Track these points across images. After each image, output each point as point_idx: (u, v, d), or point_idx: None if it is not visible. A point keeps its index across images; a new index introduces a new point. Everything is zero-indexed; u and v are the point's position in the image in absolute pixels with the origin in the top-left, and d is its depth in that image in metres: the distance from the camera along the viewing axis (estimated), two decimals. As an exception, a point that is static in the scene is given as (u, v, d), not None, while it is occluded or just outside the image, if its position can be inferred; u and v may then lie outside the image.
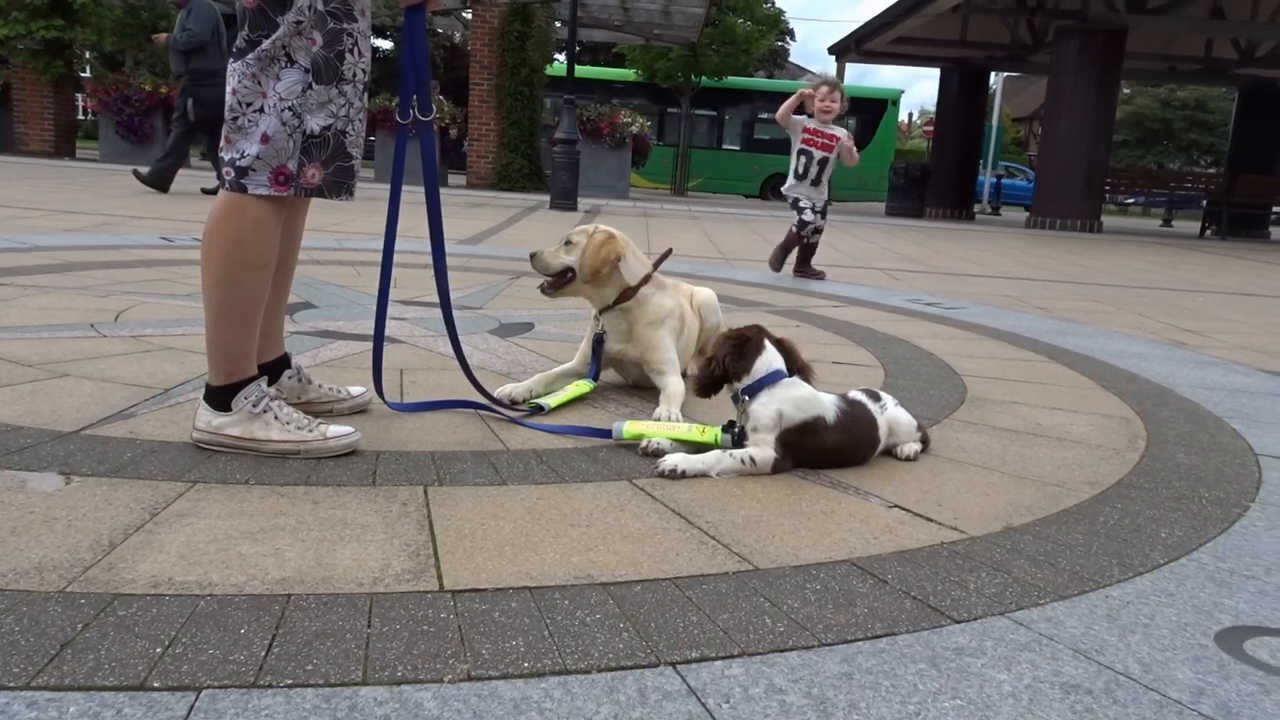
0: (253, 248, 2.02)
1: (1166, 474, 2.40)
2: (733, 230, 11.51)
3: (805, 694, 1.26)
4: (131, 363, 2.80)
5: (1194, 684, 1.35)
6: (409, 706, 1.17)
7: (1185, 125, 44.27)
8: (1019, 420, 2.88)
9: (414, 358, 3.20)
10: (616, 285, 2.76)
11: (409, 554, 1.61)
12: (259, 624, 1.34)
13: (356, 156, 2.11)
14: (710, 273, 6.40)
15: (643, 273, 2.78)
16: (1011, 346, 4.31)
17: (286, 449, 2.05)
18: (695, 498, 2.00)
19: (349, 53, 2.02)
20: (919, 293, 6.27)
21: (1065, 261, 10.38)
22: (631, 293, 2.76)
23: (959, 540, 1.86)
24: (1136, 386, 3.53)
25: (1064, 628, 1.50)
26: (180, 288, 4.21)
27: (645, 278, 2.78)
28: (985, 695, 1.29)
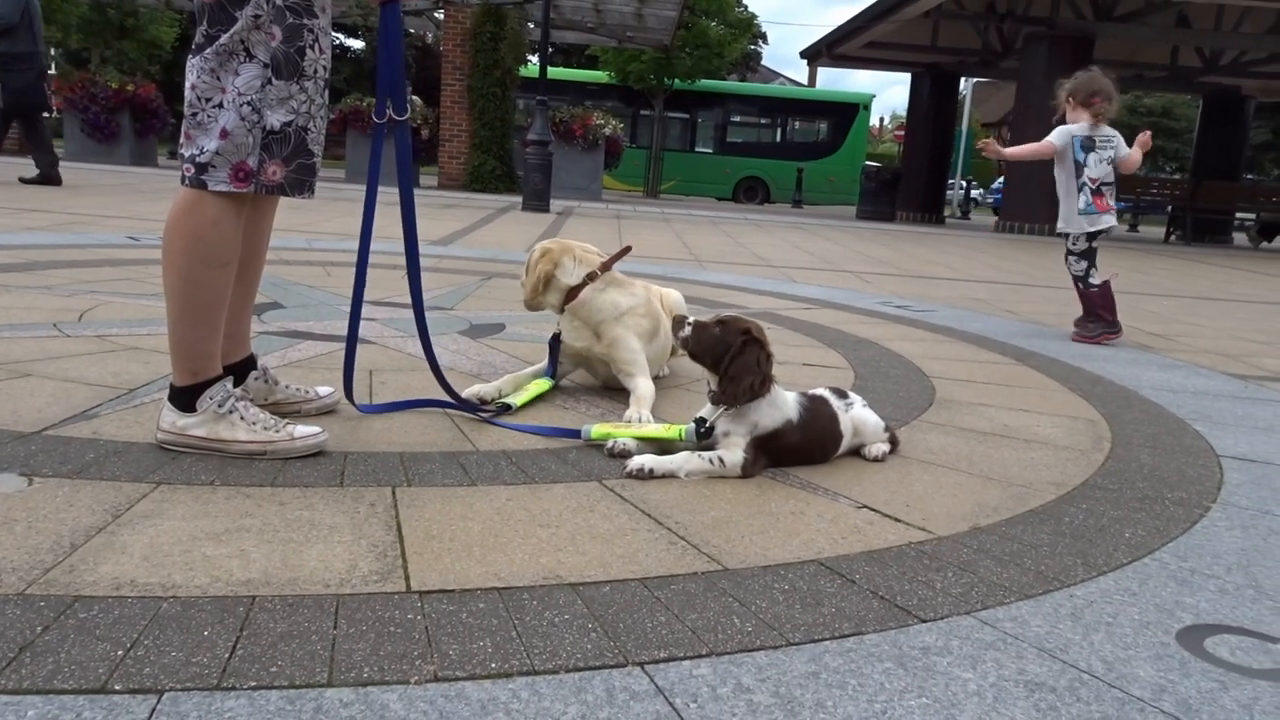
0: (213, 245, 1.99)
1: (1131, 475, 2.43)
2: (705, 232, 11.53)
3: (773, 693, 1.26)
4: (95, 363, 2.76)
5: (1156, 682, 1.37)
6: (375, 708, 1.16)
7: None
8: (986, 422, 2.90)
9: (383, 358, 3.18)
10: (559, 290, 2.80)
11: (376, 555, 1.60)
12: (223, 626, 1.33)
13: (318, 154, 2.09)
14: (683, 275, 6.40)
15: (582, 273, 2.78)
16: (980, 349, 4.34)
17: (253, 450, 2.03)
18: (665, 498, 2.00)
19: (309, 48, 2.00)
20: (889, 296, 6.31)
21: (1033, 265, 10.48)
22: (574, 293, 2.77)
23: (926, 540, 1.87)
24: (1102, 389, 3.58)
25: (1029, 627, 1.52)
26: (146, 287, 4.16)
27: (589, 276, 2.78)
28: (951, 694, 1.29)
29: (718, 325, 2.26)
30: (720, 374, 2.22)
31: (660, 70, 24.39)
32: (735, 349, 2.21)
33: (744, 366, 2.19)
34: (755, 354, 2.21)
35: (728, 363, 2.20)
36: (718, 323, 2.27)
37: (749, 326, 2.26)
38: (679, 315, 2.35)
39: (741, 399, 2.20)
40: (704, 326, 2.26)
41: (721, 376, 2.21)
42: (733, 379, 2.19)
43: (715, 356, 2.23)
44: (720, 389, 2.22)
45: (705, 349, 2.25)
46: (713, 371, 2.25)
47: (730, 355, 2.20)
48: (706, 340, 2.25)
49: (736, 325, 2.26)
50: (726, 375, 2.20)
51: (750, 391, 2.19)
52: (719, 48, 25.02)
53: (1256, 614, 1.63)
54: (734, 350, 2.20)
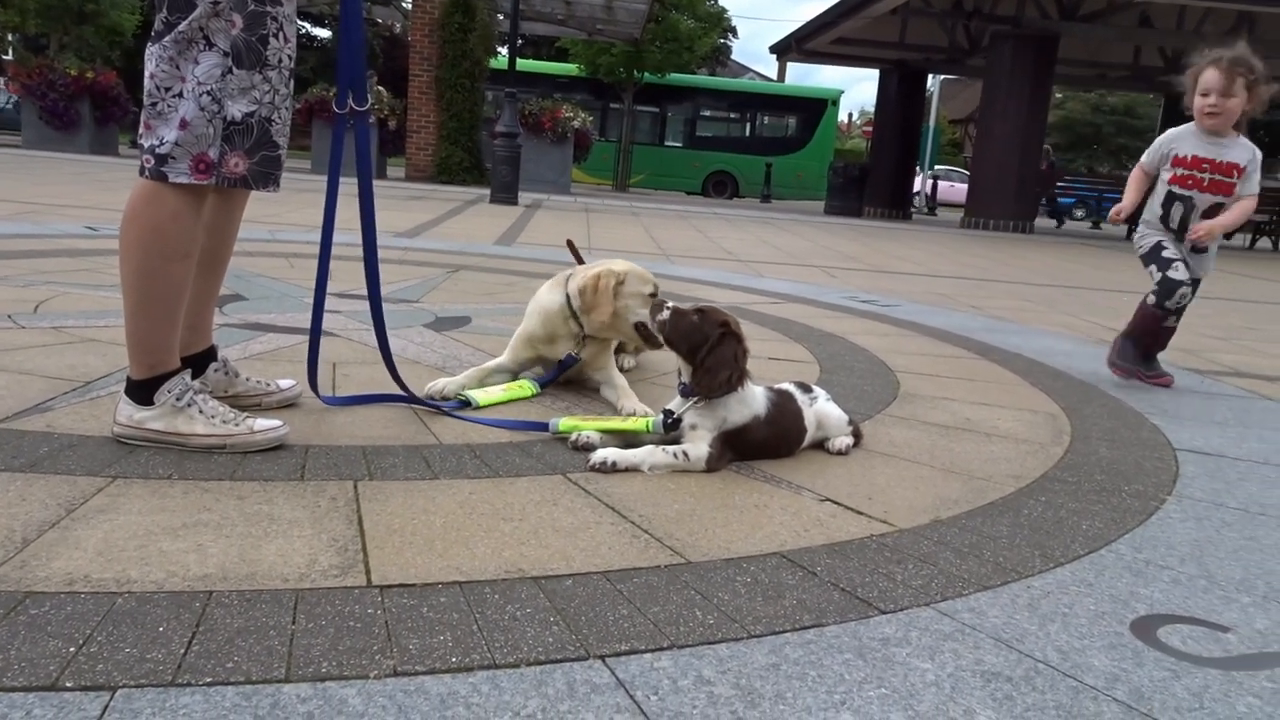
0: (172, 238, 1.96)
1: (1089, 468, 2.46)
2: (674, 226, 11.54)
3: (733, 685, 1.27)
4: (51, 355, 2.72)
5: (1109, 670, 1.39)
6: (333, 703, 1.15)
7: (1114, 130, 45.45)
8: (949, 415, 2.93)
9: (347, 351, 3.15)
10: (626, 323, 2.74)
11: (337, 549, 1.59)
12: (179, 621, 1.31)
13: (283, 146, 2.06)
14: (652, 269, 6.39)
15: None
16: (944, 343, 4.38)
17: (211, 443, 2.01)
18: (629, 492, 2.00)
19: (273, 37, 1.97)
20: (855, 290, 6.35)
21: (997, 261, 10.59)
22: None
23: (888, 533, 1.89)
24: (1063, 383, 3.62)
25: (986, 617, 1.53)
26: (104, 278, 4.09)
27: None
28: (909, 684, 1.31)
29: (696, 314, 2.26)
30: (695, 365, 2.21)
31: (630, 64, 24.33)
32: (713, 341, 2.20)
33: (721, 359, 2.19)
34: (733, 348, 2.21)
35: (704, 354, 2.20)
36: (696, 311, 2.26)
37: (727, 319, 2.26)
38: (659, 300, 2.34)
39: (716, 392, 2.20)
40: (682, 314, 2.25)
41: (697, 367, 2.21)
42: (709, 371, 2.19)
43: (692, 345, 2.22)
44: (695, 380, 2.22)
45: (682, 336, 2.24)
46: (687, 361, 2.25)
47: (708, 347, 2.20)
48: (684, 328, 2.24)
49: (715, 316, 2.26)
50: (702, 367, 2.19)
51: (725, 385, 2.19)
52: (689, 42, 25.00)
53: (1208, 604, 1.66)
54: (711, 342, 2.20)
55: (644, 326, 2.60)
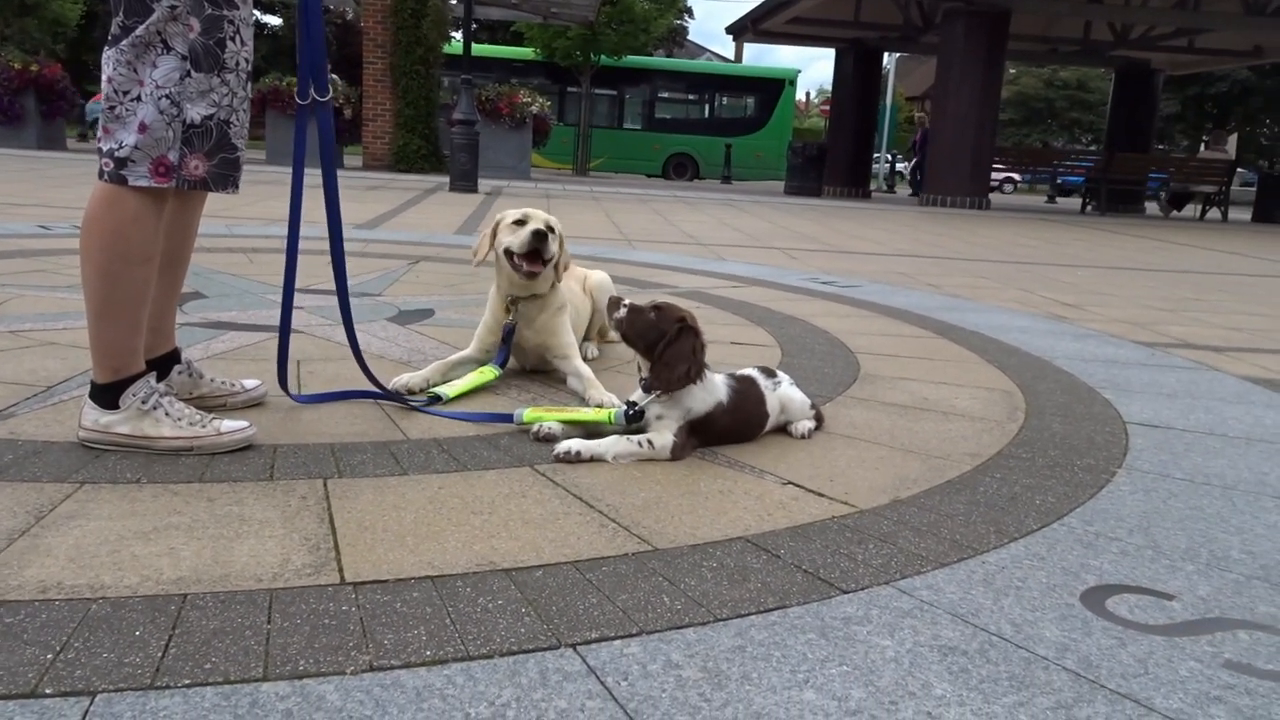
0: (133, 241, 1.96)
1: (1043, 443, 2.53)
2: (634, 210, 11.56)
3: (701, 668, 1.31)
4: (10, 360, 2.70)
5: (1060, 641, 1.45)
6: (311, 700, 1.18)
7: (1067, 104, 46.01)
8: (907, 395, 3.00)
9: (311, 347, 3.15)
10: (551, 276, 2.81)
11: (309, 548, 1.61)
12: (155, 625, 1.33)
13: (242, 148, 2.07)
14: (612, 254, 6.43)
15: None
16: (902, 323, 4.46)
17: (179, 446, 2.01)
18: (596, 481, 2.04)
19: (230, 40, 1.97)
20: (816, 272, 6.42)
21: (954, 239, 10.73)
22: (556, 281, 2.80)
23: (849, 514, 1.94)
24: (1018, 360, 3.70)
25: (943, 594, 1.59)
26: (60, 279, 4.04)
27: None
28: (870, 661, 1.36)
29: (653, 310, 2.28)
30: (653, 360, 2.25)
31: (586, 46, 24.24)
32: (670, 336, 2.23)
33: (678, 354, 2.22)
34: (690, 342, 2.24)
35: (662, 348, 2.23)
36: (653, 308, 2.29)
37: (684, 314, 2.29)
38: (615, 296, 2.37)
39: (674, 386, 2.23)
40: (639, 311, 2.28)
41: (655, 362, 2.24)
42: (666, 365, 2.22)
43: (649, 342, 2.25)
44: (653, 374, 2.25)
45: (639, 333, 2.27)
46: (645, 357, 2.28)
47: (665, 341, 2.23)
48: (641, 325, 2.27)
49: (672, 312, 2.28)
50: (660, 361, 2.22)
51: (683, 379, 2.23)
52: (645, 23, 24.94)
53: (1154, 573, 1.73)
54: (669, 337, 2.23)
55: (509, 252, 2.77)
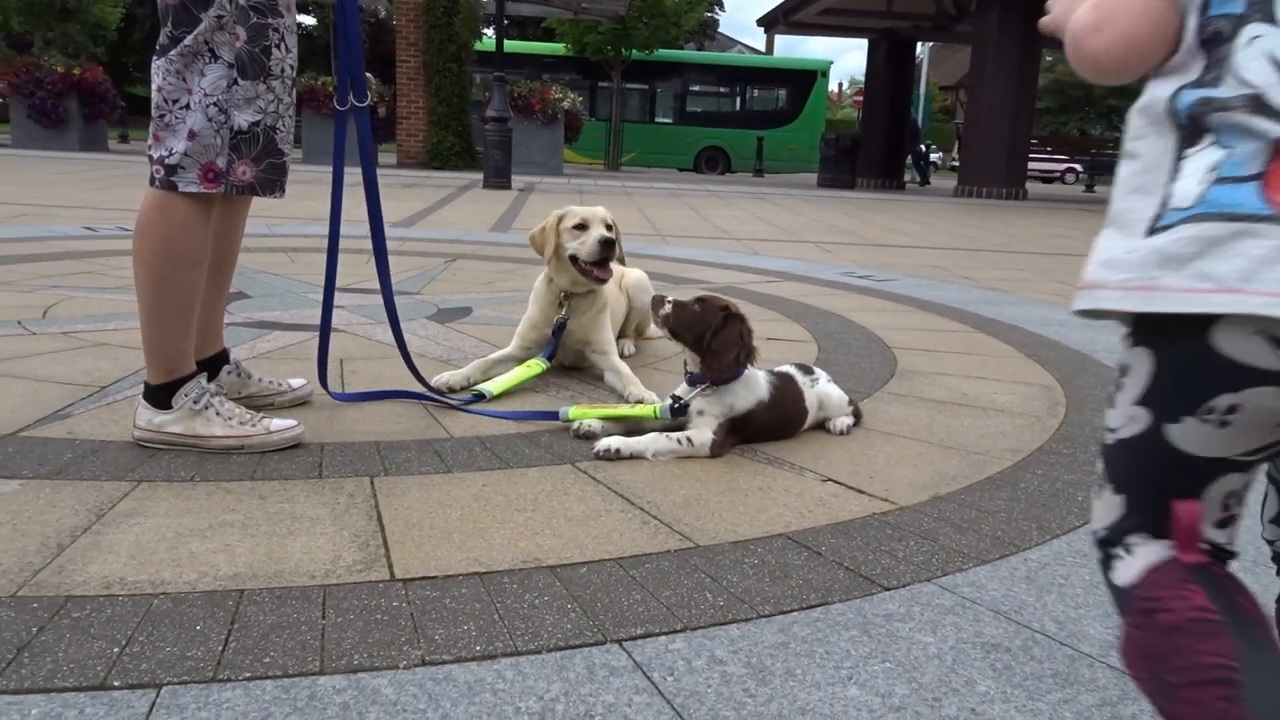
0: (183, 246, 2.01)
1: (1084, 439, 2.52)
2: (667, 205, 11.57)
3: (745, 664, 1.33)
4: (64, 361, 2.77)
5: (1104, 638, 1.45)
6: (366, 693, 1.22)
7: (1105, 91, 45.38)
8: (946, 391, 2.99)
9: (353, 346, 3.20)
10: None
11: (359, 545, 1.65)
12: (214, 620, 1.37)
13: (288, 153, 2.11)
14: (646, 250, 6.45)
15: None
16: (939, 317, 4.44)
17: (230, 444, 2.06)
18: (636, 479, 2.06)
19: (275, 48, 2.02)
20: (851, 265, 6.40)
21: (991, 230, 10.64)
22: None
23: (889, 511, 1.95)
24: (1057, 354, 3.68)
25: (986, 590, 1.60)
26: (108, 280, 4.13)
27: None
28: (912, 657, 1.37)
29: (697, 303, 2.32)
30: (703, 350, 2.28)
31: (617, 41, 24.26)
32: (716, 324, 2.27)
33: (726, 341, 2.26)
34: (737, 328, 2.28)
35: (710, 338, 2.26)
36: (696, 301, 2.33)
37: (728, 303, 2.33)
38: (658, 295, 2.40)
39: (727, 371, 2.27)
40: (683, 305, 2.32)
41: (704, 352, 2.28)
42: (716, 353, 2.26)
43: (696, 334, 2.29)
44: (704, 365, 2.28)
45: (686, 327, 2.30)
46: (693, 349, 2.31)
47: (712, 331, 2.27)
48: (687, 318, 2.31)
49: (715, 303, 2.33)
50: (710, 350, 2.26)
51: (734, 364, 2.27)
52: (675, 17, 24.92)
53: (1199, 570, 1.72)
54: (715, 326, 2.27)
55: (575, 259, 2.80)
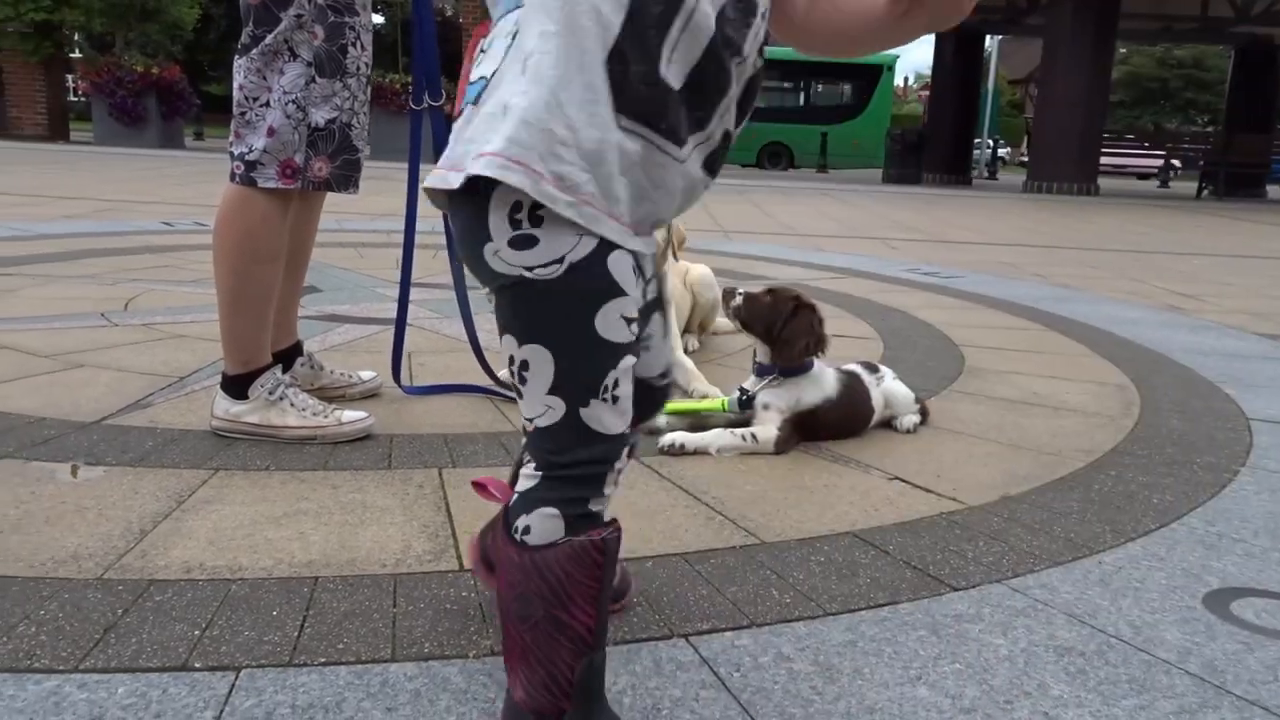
0: (262, 240, 2.07)
1: (1159, 440, 2.46)
2: (730, 201, 11.52)
3: (812, 661, 1.33)
4: (144, 352, 2.86)
5: (1182, 644, 1.42)
6: (437, 680, 1.24)
7: (1182, 84, 44.10)
8: (1016, 390, 2.94)
9: (421, 340, 3.25)
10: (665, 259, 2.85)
11: (428, 535, 1.68)
12: (290, 606, 1.41)
13: (362, 149, 2.15)
14: (709, 246, 6.43)
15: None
16: (1008, 315, 4.36)
17: (303, 435, 2.11)
18: (700, 474, 2.06)
19: (351, 46, 2.06)
20: (916, 262, 6.31)
21: (1061, 226, 10.41)
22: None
23: (957, 510, 1.92)
24: (1131, 353, 3.59)
25: (1058, 593, 1.57)
26: (185, 274, 4.25)
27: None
28: (983, 659, 1.35)
29: (768, 294, 2.34)
30: (774, 339, 2.29)
31: (681, 37, 24.17)
32: (787, 314, 2.29)
33: (798, 329, 2.28)
34: (808, 317, 2.29)
35: (780, 327, 2.28)
36: (767, 292, 2.35)
37: (798, 294, 2.34)
38: (729, 287, 2.42)
39: (799, 359, 2.29)
40: (754, 296, 2.34)
41: (775, 341, 2.29)
42: (787, 341, 2.28)
43: (767, 324, 2.30)
44: (776, 354, 2.30)
45: (757, 317, 2.32)
46: (764, 340, 2.32)
47: (783, 320, 2.28)
48: (758, 309, 2.32)
49: (786, 293, 2.34)
50: (781, 339, 2.28)
51: (805, 351, 2.29)
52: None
53: (1282, 577, 1.67)
54: (786, 315, 2.28)
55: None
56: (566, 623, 1.01)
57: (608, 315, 0.97)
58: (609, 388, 0.99)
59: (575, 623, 1.01)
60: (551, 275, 0.95)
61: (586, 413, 0.98)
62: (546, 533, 1.01)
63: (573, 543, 1.00)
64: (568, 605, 1.01)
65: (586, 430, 0.99)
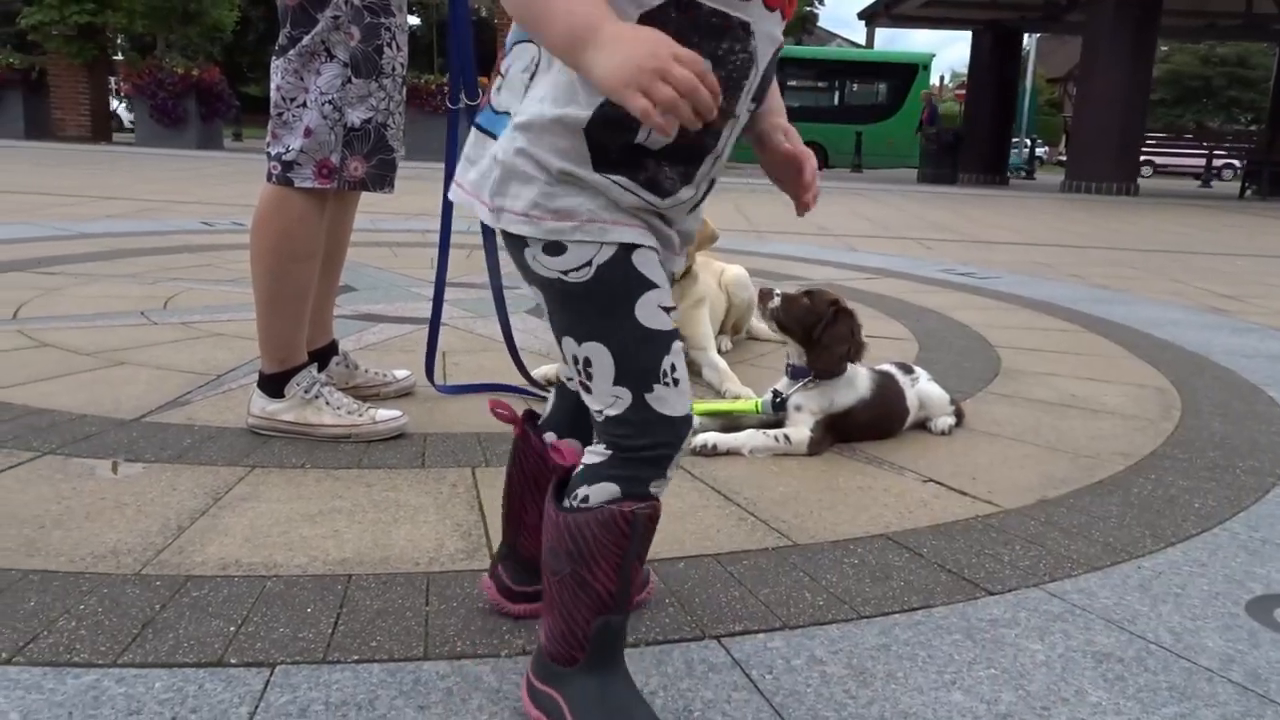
0: (299, 240, 2.09)
1: (1201, 444, 2.42)
2: (763, 201, 11.47)
3: (845, 665, 1.31)
4: (183, 350, 2.89)
5: (1224, 652, 1.39)
6: (469, 679, 1.24)
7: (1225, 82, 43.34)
8: (1053, 392, 2.90)
9: (455, 340, 3.26)
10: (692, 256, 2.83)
11: (461, 534, 1.68)
12: (324, 603, 1.42)
13: (398, 149, 2.17)
14: (742, 246, 6.41)
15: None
16: (1045, 316, 4.31)
17: (338, 433, 2.13)
18: (733, 475, 2.05)
19: (387, 46, 2.07)
20: (952, 262, 6.25)
21: (1100, 227, 10.26)
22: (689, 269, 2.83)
23: (993, 513, 1.90)
24: (1171, 355, 3.53)
25: (1096, 598, 1.54)
26: (223, 273, 4.30)
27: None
28: (1019, 664, 1.33)
29: (805, 296, 2.32)
30: (812, 343, 2.27)
31: (715, 36, 24.12)
32: (827, 319, 2.26)
33: (837, 335, 2.26)
34: (848, 324, 2.28)
35: (820, 331, 2.26)
36: (805, 294, 2.33)
37: (837, 298, 2.32)
38: (765, 288, 2.40)
39: (836, 366, 2.26)
40: (793, 298, 2.32)
41: (814, 345, 2.27)
42: (826, 347, 2.26)
43: (806, 326, 2.28)
44: (813, 358, 2.28)
45: (796, 319, 2.30)
46: (801, 343, 2.30)
47: (822, 325, 2.26)
48: (797, 311, 2.30)
49: (825, 296, 2.32)
50: (819, 344, 2.26)
51: (844, 359, 2.27)
52: (774, 11, 24.66)
53: (1329, 585, 1.63)
54: (826, 320, 2.26)
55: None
56: (589, 582, 1.09)
57: (646, 306, 1.05)
58: (667, 372, 1.06)
59: (597, 584, 1.09)
60: (585, 278, 1.04)
61: (652, 397, 1.05)
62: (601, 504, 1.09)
63: (605, 509, 1.07)
64: (592, 567, 1.08)
65: (655, 413, 1.06)
